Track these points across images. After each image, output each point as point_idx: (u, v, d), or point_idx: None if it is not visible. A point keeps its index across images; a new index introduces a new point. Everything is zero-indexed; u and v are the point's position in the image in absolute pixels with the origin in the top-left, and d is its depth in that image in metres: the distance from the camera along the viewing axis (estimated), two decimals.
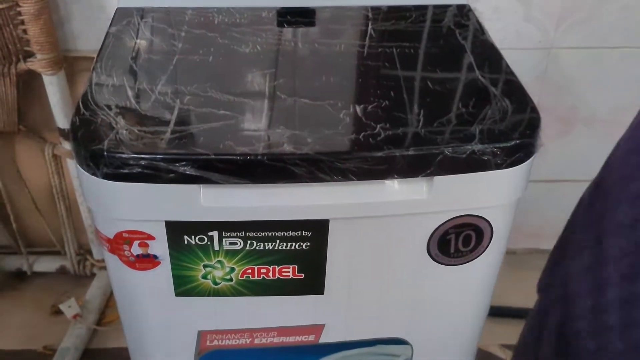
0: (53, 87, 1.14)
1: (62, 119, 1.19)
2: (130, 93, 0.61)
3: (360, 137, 0.57)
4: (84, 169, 0.55)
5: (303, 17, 0.78)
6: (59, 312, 1.25)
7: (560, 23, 1.06)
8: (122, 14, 0.77)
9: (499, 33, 1.03)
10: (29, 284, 1.38)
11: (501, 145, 0.56)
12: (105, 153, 0.54)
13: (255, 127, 0.58)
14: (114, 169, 0.54)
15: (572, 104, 1.18)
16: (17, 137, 1.25)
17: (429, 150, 0.56)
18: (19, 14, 1.02)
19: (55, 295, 1.31)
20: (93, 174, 0.55)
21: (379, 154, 0.55)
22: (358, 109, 0.61)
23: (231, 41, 0.72)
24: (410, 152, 0.56)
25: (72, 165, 1.29)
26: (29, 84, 1.15)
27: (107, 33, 0.72)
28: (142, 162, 0.54)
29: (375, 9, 0.80)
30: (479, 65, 0.68)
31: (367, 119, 0.59)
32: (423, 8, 0.80)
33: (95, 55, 1.15)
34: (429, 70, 0.68)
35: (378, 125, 0.58)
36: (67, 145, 1.23)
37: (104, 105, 0.59)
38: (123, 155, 0.54)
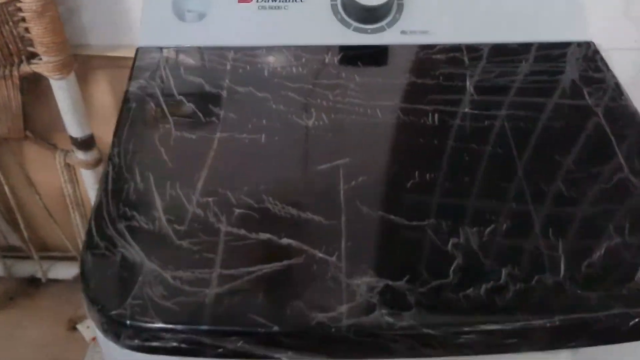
0: (62, 92, 0.98)
1: (73, 128, 1.03)
2: (159, 205, 0.45)
3: (482, 291, 0.40)
4: (102, 333, 0.40)
5: (374, 61, 0.60)
6: (76, 328, 1.16)
7: None
8: (144, 58, 0.59)
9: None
10: (43, 291, 1.30)
11: None
12: (127, 322, 0.38)
13: (332, 273, 0.42)
14: (140, 341, 0.39)
15: None
16: (26, 143, 1.11)
17: (579, 317, 0.40)
18: (19, 9, 0.84)
19: (72, 306, 1.21)
20: (114, 341, 0.40)
21: (511, 325, 0.39)
22: (471, 235, 0.44)
23: (287, 106, 0.54)
24: (556, 322, 0.39)
25: (86, 175, 1.16)
26: (36, 85, 0.99)
27: (126, 93, 0.55)
28: (180, 336, 0.38)
29: (473, 49, 0.61)
30: (627, 156, 0.50)
31: (485, 256, 0.43)
32: (535, 48, 0.61)
33: (109, 53, 0.99)
34: (556, 162, 0.50)
35: (503, 271, 0.42)
36: (80, 155, 1.09)
37: (125, 229, 0.44)
38: (152, 326, 0.38)
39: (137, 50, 0.60)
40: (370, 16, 0.61)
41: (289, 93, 0.55)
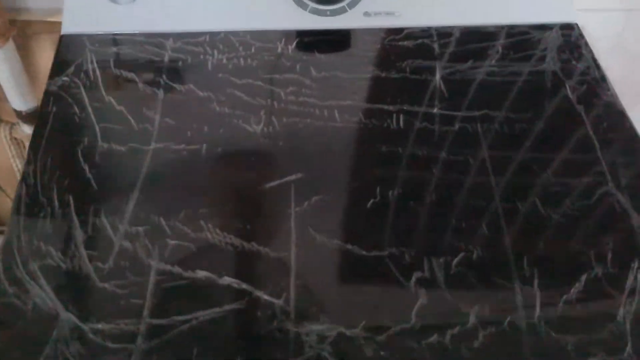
0: (0, 63, 0.89)
1: (16, 100, 0.95)
2: (80, 238, 0.39)
3: (447, 339, 0.36)
4: None
5: (333, 50, 0.53)
6: None
7: None
8: (68, 47, 0.51)
9: None
10: None
11: None
12: None
13: (279, 320, 0.36)
14: None
15: None
16: None
17: None
18: None
19: None
20: None
21: None
22: (437, 267, 0.39)
23: (233, 108, 0.47)
24: None
25: None
26: None
27: (46, 93, 0.48)
28: None
29: (443, 34, 0.54)
30: (612, 166, 0.45)
31: (452, 294, 0.38)
32: (513, 32, 0.54)
33: (50, 18, 0.90)
34: (534, 174, 0.44)
35: (471, 313, 0.37)
36: (26, 129, 1.01)
37: (38, 269, 0.37)
38: None
39: (61, 38, 0.52)
40: None
41: (236, 91, 0.48)
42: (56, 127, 0.45)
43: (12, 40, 0.88)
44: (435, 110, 0.48)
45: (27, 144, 1.06)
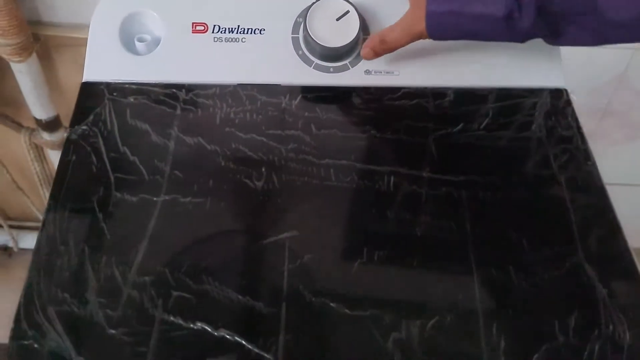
0: (23, 75, 0.94)
1: (38, 110, 1.00)
2: (93, 286, 0.44)
3: None
4: None
5: (334, 107, 0.57)
6: None
7: None
8: (88, 96, 0.55)
9: None
10: (15, 261, 1.30)
11: None
12: None
13: None
14: None
15: None
16: None
17: None
18: None
19: None
20: None
21: None
22: (413, 329, 0.43)
23: (237, 163, 0.51)
24: None
25: (54, 155, 1.13)
26: None
27: (67, 141, 0.52)
28: None
29: (438, 95, 0.58)
30: (584, 237, 0.48)
31: (425, 353, 0.42)
32: (503, 95, 0.58)
33: (71, 34, 0.93)
34: (510, 241, 0.48)
35: None
36: (45, 135, 1.06)
37: (55, 315, 0.42)
38: None
39: (82, 86, 0.56)
40: (334, 54, 0.57)
41: (240, 146, 0.53)
42: (76, 175, 0.50)
43: (35, 54, 0.92)
44: (424, 173, 0.52)
45: (45, 149, 1.11)
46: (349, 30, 0.56)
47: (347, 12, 0.56)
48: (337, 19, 0.56)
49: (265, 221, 0.49)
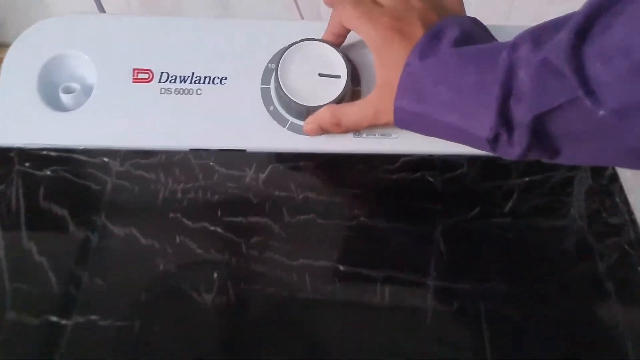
0: None
1: None
2: None
3: None
4: None
5: (313, 183, 0.44)
6: None
7: None
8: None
9: None
10: None
11: None
12: None
13: None
14: None
15: None
16: None
17: None
18: None
19: None
20: None
21: None
22: None
23: (181, 266, 0.38)
24: None
25: None
26: None
27: None
28: None
29: (448, 166, 0.45)
30: None
31: None
32: (532, 167, 0.45)
33: None
34: None
35: None
36: None
37: None
38: None
39: None
40: (314, 112, 0.44)
41: (187, 240, 0.40)
42: None
43: None
44: (429, 280, 0.39)
45: None
46: (334, 85, 0.43)
47: (338, 76, 0.43)
48: (320, 75, 0.43)
49: (216, 351, 0.36)
